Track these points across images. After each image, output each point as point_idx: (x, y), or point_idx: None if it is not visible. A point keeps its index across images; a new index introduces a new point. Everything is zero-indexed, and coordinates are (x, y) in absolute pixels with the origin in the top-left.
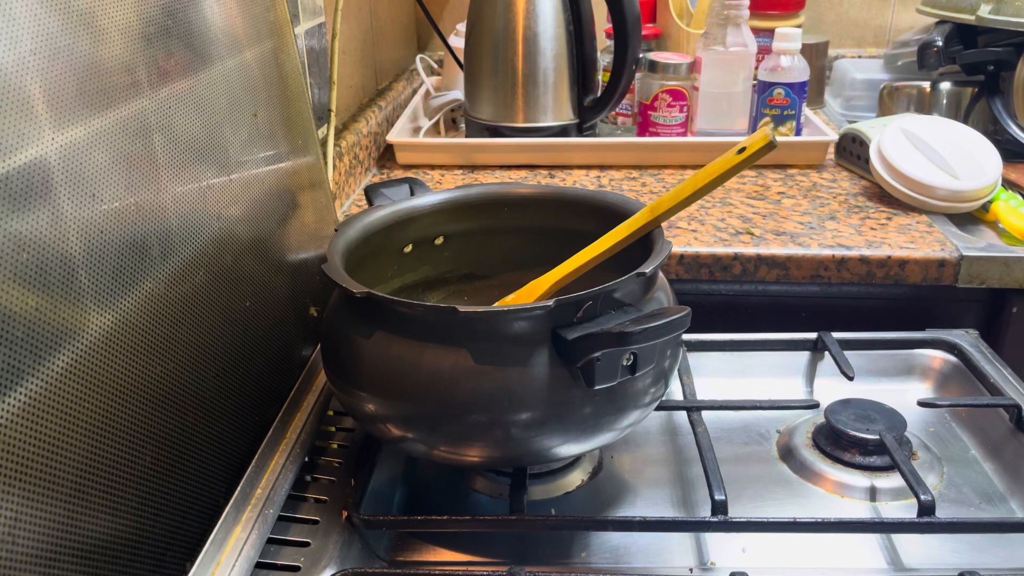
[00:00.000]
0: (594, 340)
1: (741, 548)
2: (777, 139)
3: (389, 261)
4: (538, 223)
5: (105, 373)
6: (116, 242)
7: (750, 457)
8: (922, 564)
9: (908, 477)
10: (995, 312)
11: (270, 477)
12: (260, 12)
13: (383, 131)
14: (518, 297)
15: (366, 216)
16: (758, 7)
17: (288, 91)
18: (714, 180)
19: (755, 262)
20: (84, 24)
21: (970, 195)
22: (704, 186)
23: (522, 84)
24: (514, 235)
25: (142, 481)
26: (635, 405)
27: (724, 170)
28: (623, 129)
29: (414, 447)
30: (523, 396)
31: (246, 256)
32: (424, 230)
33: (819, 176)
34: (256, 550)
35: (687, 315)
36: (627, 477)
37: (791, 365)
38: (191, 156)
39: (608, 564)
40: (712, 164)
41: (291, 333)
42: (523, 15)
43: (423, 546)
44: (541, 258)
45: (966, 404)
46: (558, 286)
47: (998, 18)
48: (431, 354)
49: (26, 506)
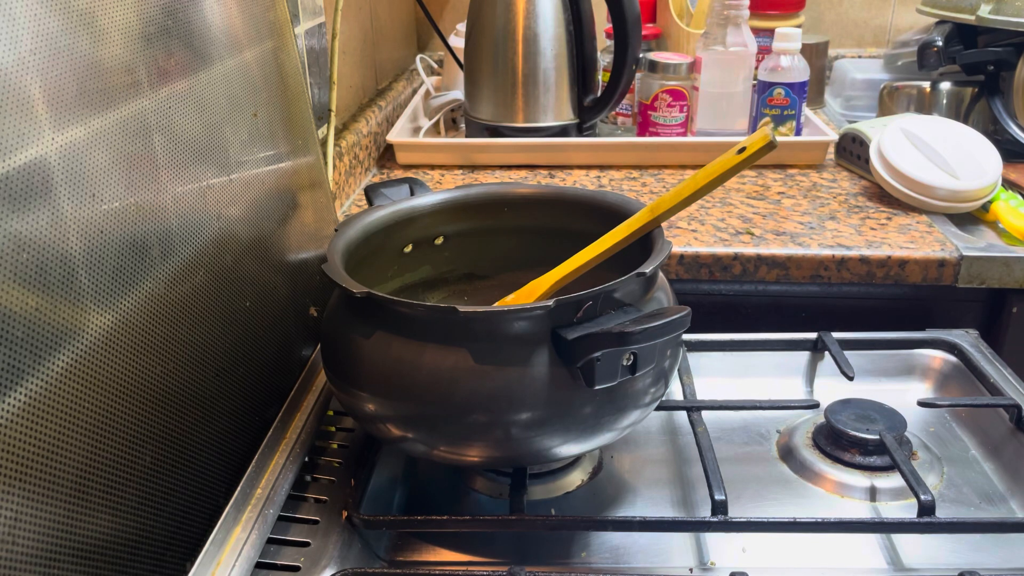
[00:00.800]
0: (594, 340)
1: (741, 548)
2: (777, 139)
3: (389, 261)
4: (538, 223)
5: (105, 373)
6: (116, 242)
7: (750, 457)
8: (922, 564)
9: (908, 477)
10: (995, 312)
11: (270, 477)
12: (260, 12)
13: (383, 131)
14: (518, 297)
15: (366, 216)
16: (758, 7)
17: (288, 91)
18: (714, 180)
19: (755, 262)
20: (84, 24)
21: (970, 195)
22: (704, 186)
23: (522, 84)
24: (514, 235)
25: (142, 481)
26: (635, 405)
27: (724, 170)
28: (623, 129)
29: (414, 447)
30: (523, 396)
31: (246, 256)
32: (424, 230)
33: (819, 176)
34: (256, 550)
35: (687, 315)
36: (627, 477)
37: (791, 365)
38: (191, 156)
39: (608, 564)
40: (712, 164)
41: (291, 333)
42: (523, 15)
43: (423, 546)
44: (541, 258)
45: (966, 404)
46: (558, 286)
47: (998, 18)
48: (431, 354)
49: (26, 506)
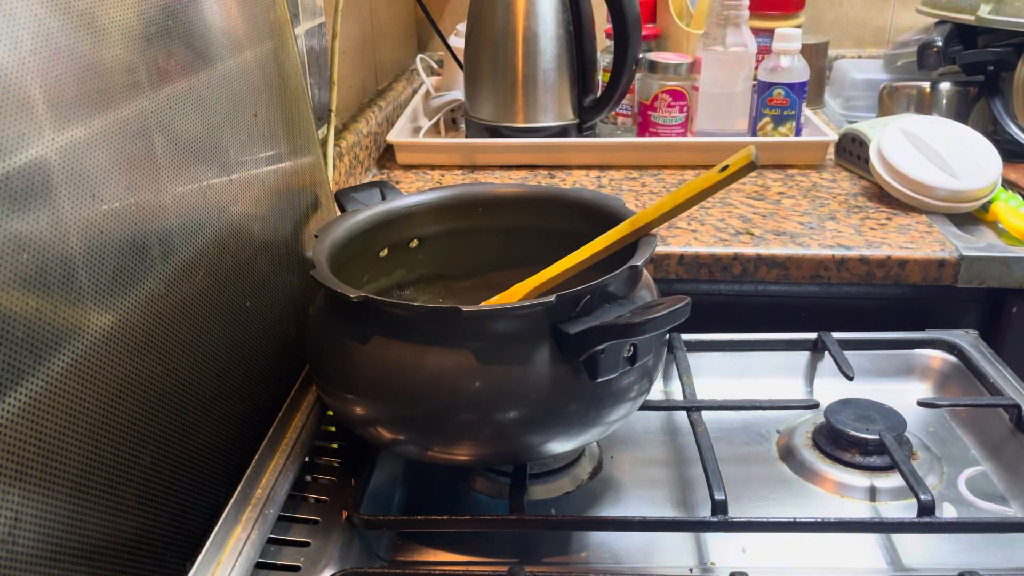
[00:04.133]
0: (598, 333)
1: (741, 548)
2: (759, 161)
3: (364, 266)
4: (513, 223)
5: (105, 373)
6: (116, 242)
7: (750, 457)
8: (922, 564)
9: (908, 477)
10: (995, 312)
11: (270, 477)
12: (260, 12)
13: (383, 131)
14: (502, 299)
15: (346, 220)
16: (758, 7)
17: (288, 91)
18: (695, 196)
19: (755, 262)
20: (84, 24)
21: (970, 195)
22: (685, 201)
23: (522, 84)
24: (489, 235)
25: (142, 481)
26: (629, 397)
27: (706, 187)
28: (623, 129)
29: (411, 450)
30: (525, 393)
31: (246, 256)
32: (400, 233)
33: (819, 176)
34: (256, 550)
35: (687, 304)
36: (627, 477)
37: (791, 365)
38: (191, 156)
39: (608, 564)
40: (695, 181)
41: (291, 333)
42: (523, 15)
43: (423, 546)
44: (514, 258)
45: (966, 404)
46: (538, 291)
47: (998, 18)
48: (433, 356)
49: (26, 506)
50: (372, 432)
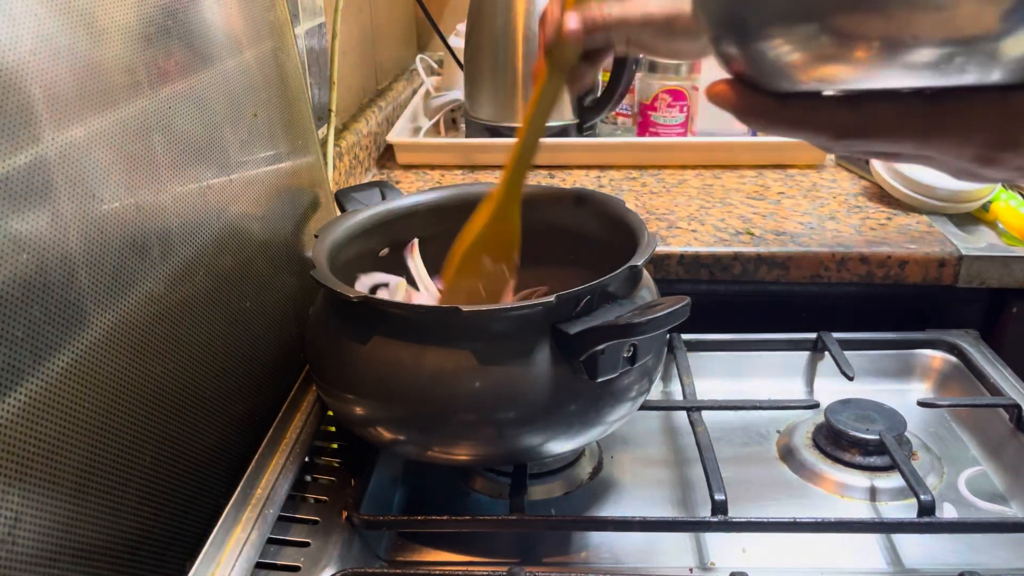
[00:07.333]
0: (598, 333)
1: (741, 548)
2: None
3: (364, 266)
4: None
5: (105, 373)
6: (116, 242)
7: (750, 457)
8: (922, 564)
9: (908, 477)
10: (995, 312)
11: (270, 477)
12: (260, 12)
13: (383, 131)
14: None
15: (347, 220)
16: None
17: (288, 91)
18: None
19: (755, 262)
20: (84, 24)
21: (970, 195)
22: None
23: (522, 84)
24: None
25: (142, 481)
26: (629, 397)
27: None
28: (623, 129)
29: (408, 449)
30: (525, 393)
31: (246, 256)
32: (400, 233)
33: (819, 176)
34: (256, 550)
35: (687, 304)
36: (627, 477)
37: (791, 365)
38: (191, 156)
39: (608, 564)
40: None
41: (291, 333)
42: (523, 15)
43: (423, 546)
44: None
45: (966, 404)
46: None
47: None
48: (433, 355)
49: (26, 506)
50: (372, 432)
